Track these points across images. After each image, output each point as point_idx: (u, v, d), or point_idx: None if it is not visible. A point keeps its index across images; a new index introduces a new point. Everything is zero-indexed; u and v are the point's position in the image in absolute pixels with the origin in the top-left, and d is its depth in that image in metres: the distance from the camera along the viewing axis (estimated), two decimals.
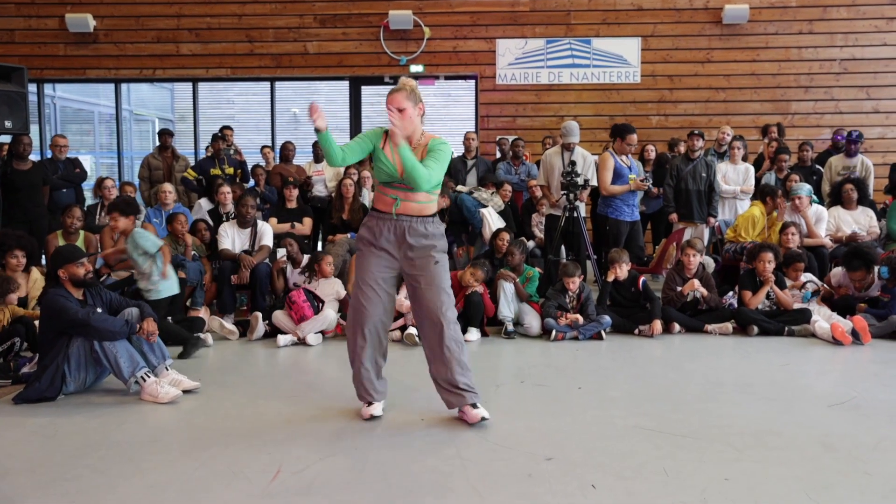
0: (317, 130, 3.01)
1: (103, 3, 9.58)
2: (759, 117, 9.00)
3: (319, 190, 7.70)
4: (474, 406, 3.26)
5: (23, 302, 4.71)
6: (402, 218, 3.19)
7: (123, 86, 10.46)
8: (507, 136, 8.33)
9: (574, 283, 5.29)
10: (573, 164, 5.98)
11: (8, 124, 6.45)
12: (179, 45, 9.58)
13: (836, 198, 6.60)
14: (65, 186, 7.24)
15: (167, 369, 3.89)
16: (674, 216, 6.64)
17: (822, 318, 5.21)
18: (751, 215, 6.26)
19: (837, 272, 5.61)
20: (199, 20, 9.54)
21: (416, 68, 9.39)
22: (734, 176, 6.87)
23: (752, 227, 6.19)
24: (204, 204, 6.98)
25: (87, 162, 11.87)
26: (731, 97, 9.23)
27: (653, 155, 7.69)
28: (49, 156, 7.71)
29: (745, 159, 7.05)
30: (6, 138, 6.94)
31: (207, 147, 7.97)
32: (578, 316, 5.17)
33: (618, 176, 6.20)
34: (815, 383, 4.11)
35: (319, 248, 7.16)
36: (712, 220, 6.60)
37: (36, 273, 4.89)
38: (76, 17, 9.44)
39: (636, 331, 5.27)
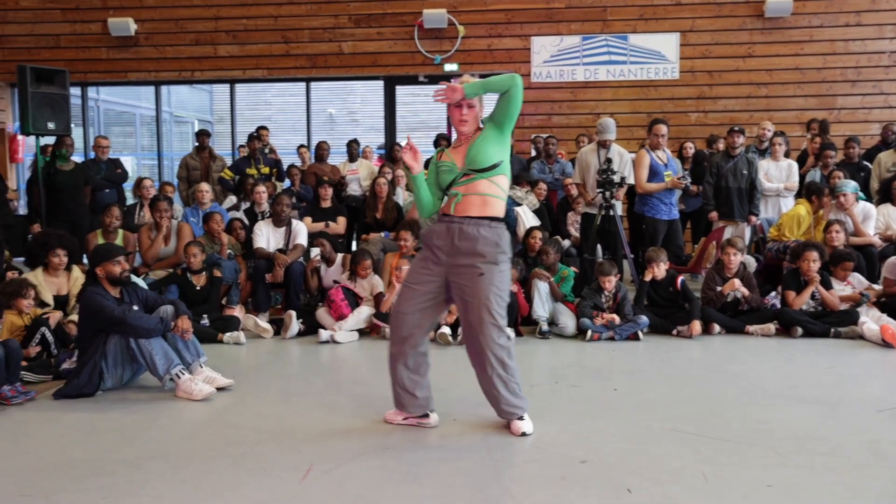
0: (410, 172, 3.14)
1: (144, 6, 9.80)
2: (803, 113, 8.73)
3: (354, 189, 7.74)
4: (521, 418, 3.15)
5: (63, 300, 4.82)
6: (455, 220, 3.02)
7: (163, 88, 10.68)
8: (542, 135, 8.25)
9: (610, 283, 5.19)
10: (609, 161, 5.88)
11: (51, 126, 6.60)
12: (217, 48, 9.73)
13: (885, 195, 6.37)
14: (107, 187, 7.41)
15: (202, 367, 3.92)
16: (714, 214, 6.49)
17: (871, 320, 5.02)
18: (796, 214, 6.07)
19: (892, 262, 5.39)
20: (236, 22, 9.68)
21: (451, 67, 9.36)
22: (776, 173, 6.69)
23: (798, 226, 6.00)
24: (234, 200, 7.10)
25: (128, 163, 12.13)
26: (773, 92, 8.98)
27: (691, 152, 7.52)
28: (92, 157, 7.90)
29: (787, 155, 6.87)
30: (50, 139, 7.13)
31: (240, 147, 8.07)
32: (615, 316, 5.07)
33: (654, 173, 6.09)
34: (864, 387, 3.94)
35: (353, 246, 7.19)
36: (753, 218, 6.42)
37: (77, 271, 4.99)
38: (118, 21, 9.67)
39: (674, 331, 5.14)
